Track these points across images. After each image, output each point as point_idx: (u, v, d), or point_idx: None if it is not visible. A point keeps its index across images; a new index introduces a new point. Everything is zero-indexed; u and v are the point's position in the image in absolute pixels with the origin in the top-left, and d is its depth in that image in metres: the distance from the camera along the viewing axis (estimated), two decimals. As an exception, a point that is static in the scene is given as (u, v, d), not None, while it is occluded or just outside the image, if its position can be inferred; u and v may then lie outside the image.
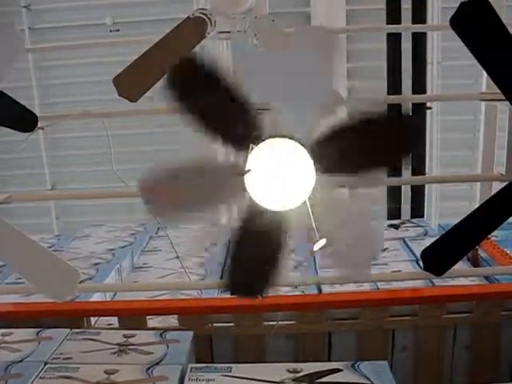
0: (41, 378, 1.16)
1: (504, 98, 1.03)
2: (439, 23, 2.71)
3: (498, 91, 1.01)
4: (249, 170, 0.97)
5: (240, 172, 0.99)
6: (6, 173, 3.60)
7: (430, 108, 3.07)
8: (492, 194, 1.73)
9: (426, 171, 3.11)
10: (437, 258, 1.18)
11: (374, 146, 0.97)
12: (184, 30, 1.33)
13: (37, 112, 3.29)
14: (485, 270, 1.70)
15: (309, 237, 1.06)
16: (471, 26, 0.97)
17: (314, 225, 1.02)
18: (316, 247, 1.01)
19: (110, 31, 3.40)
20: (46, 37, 3.44)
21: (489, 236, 1.66)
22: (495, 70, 1.01)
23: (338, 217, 1.06)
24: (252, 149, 1.01)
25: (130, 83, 1.33)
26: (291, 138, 0.99)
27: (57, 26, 3.41)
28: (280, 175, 1.00)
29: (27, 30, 3.36)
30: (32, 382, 1.15)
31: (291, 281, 1.52)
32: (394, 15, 2.82)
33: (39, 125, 1.40)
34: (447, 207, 3.19)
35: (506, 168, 1.35)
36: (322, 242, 1.00)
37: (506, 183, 1.10)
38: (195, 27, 1.33)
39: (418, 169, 2.98)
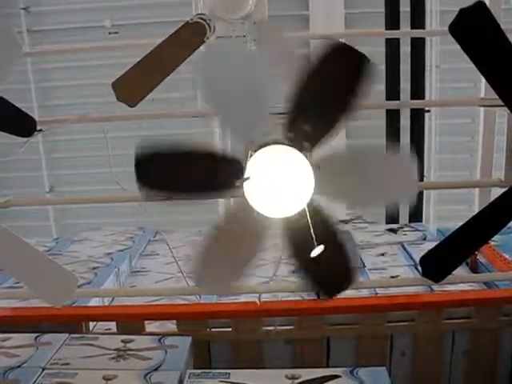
0: (38, 384, 1.16)
1: (503, 104, 1.03)
2: (438, 27, 2.72)
3: (497, 96, 1.01)
4: (248, 178, 0.96)
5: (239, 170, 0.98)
6: (5, 175, 3.59)
7: (428, 111, 3.08)
8: (491, 197, 1.74)
9: (425, 174, 3.12)
10: (435, 265, 1.18)
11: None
12: (183, 35, 1.33)
13: (35, 114, 3.29)
14: (484, 276, 1.70)
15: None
16: (470, 33, 0.97)
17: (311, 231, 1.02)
18: (313, 253, 1.01)
19: (109, 33, 3.40)
20: (44, 39, 3.44)
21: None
22: (494, 76, 1.01)
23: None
24: (251, 155, 1.00)
25: (129, 88, 1.33)
26: (297, 147, 0.98)
27: (55, 28, 3.41)
28: (279, 182, 0.99)
29: (26, 31, 3.36)
30: (30, 387, 1.14)
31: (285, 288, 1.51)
32: (392, 19, 2.83)
33: (38, 127, 1.40)
34: (446, 210, 3.19)
35: (504, 174, 1.34)
36: (320, 248, 1.00)
37: (505, 189, 1.09)
38: (194, 32, 1.33)
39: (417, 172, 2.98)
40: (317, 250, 0.98)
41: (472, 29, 0.97)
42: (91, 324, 1.52)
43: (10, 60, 0.95)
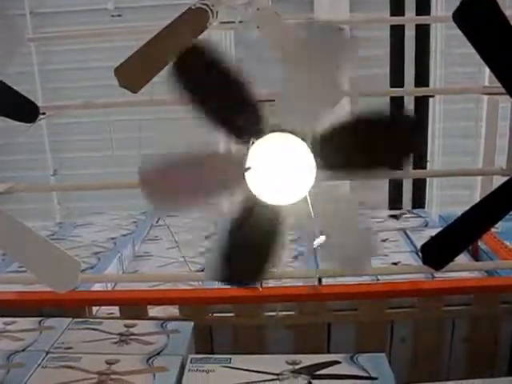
0: (42, 367, 1.17)
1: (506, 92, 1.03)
2: (443, 12, 2.69)
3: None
4: (249, 168, 0.97)
5: (241, 167, 0.99)
6: (9, 158, 3.60)
7: (432, 96, 3.07)
8: (493, 182, 1.74)
9: (428, 159, 3.11)
10: (436, 253, 1.18)
11: (375, 144, 0.97)
12: (186, 20, 1.32)
13: (39, 96, 3.28)
14: (485, 264, 1.70)
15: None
16: (474, 21, 0.97)
17: (313, 219, 1.02)
18: (316, 243, 1.01)
19: (112, 16, 3.38)
20: (47, 21, 3.43)
21: (488, 228, 1.66)
22: (497, 65, 1.00)
23: (337, 210, 1.06)
24: (253, 143, 1.01)
25: (131, 74, 1.33)
26: (292, 132, 0.99)
27: (58, 10, 3.39)
28: (280, 170, 1.00)
29: (28, 14, 3.34)
30: (34, 371, 1.16)
31: (290, 274, 1.52)
32: (397, 3, 2.80)
33: (42, 111, 1.40)
34: (448, 196, 3.19)
35: (507, 162, 1.34)
36: (322, 238, 1.01)
37: (507, 177, 1.10)
38: (197, 18, 1.32)
39: (420, 157, 2.98)
40: (319, 240, 0.99)
41: (476, 16, 0.96)
42: (94, 308, 1.53)
43: (13, 48, 0.95)
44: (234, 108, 1.00)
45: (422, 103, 2.99)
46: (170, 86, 0.98)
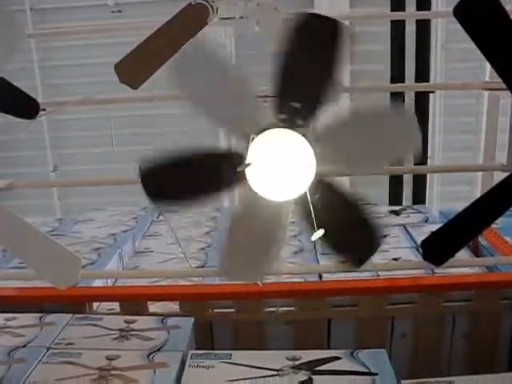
0: (43, 363, 1.18)
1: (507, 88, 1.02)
2: (444, 7, 2.69)
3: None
4: (249, 164, 0.97)
5: (241, 163, 0.99)
6: (9, 154, 3.60)
7: (432, 92, 3.06)
8: (493, 178, 1.74)
9: (428, 154, 3.11)
10: (437, 248, 1.18)
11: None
12: (186, 16, 1.32)
13: (39, 92, 3.28)
14: (485, 260, 1.70)
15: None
16: (475, 17, 0.96)
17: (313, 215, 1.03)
18: (314, 237, 1.01)
19: (112, 12, 3.38)
20: (47, 17, 3.42)
21: (489, 223, 1.66)
22: (498, 61, 1.00)
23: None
24: (253, 139, 1.01)
25: (131, 70, 1.32)
26: (292, 128, 0.99)
27: (58, 6, 3.39)
28: (281, 166, 1.00)
29: (29, 10, 3.34)
30: (35, 367, 1.16)
31: (290, 269, 1.52)
32: (398, -1, 2.80)
33: (42, 107, 1.40)
34: (449, 191, 3.19)
35: (507, 158, 1.34)
36: (321, 231, 1.01)
37: (507, 173, 1.10)
38: (197, 14, 1.32)
39: (421, 152, 2.97)
40: (317, 234, 0.99)
41: (477, 12, 0.96)
42: (94, 304, 1.53)
43: (12, 45, 0.94)
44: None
45: (422, 99, 2.99)
46: (170, 82, 0.98)
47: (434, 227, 1.20)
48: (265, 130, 0.99)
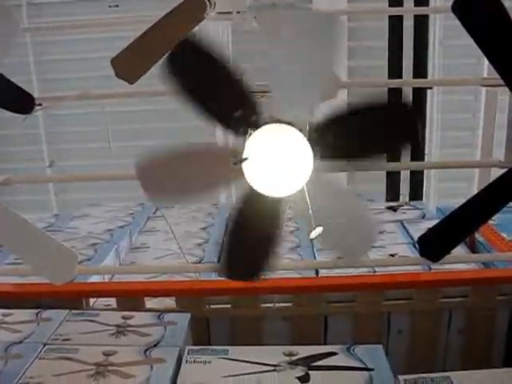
0: (40, 358, 1.18)
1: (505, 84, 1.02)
2: (442, 4, 2.68)
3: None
4: (246, 158, 0.96)
5: (238, 158, 0.99)
6: (5, 149, 3.59)
7: (430, 88, 3.06)
8: (490, 175, 1.74)
9: (426, 151, 3.11)
10: (433, 245, 1.19)
11: (373, 133, 0.97)
12: (183, 11, 1.31)
13: (34, 88, 3.26)
14: (482, 256, 1.71)
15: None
16: (473, 13, 0.96)
17: (310, 211, 1.02)
18: (313, 234, 1.01)
19: (109, 7, 3.36)
20: (43, 11, 3.40)
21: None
22: (496, 57, 1.00)
23: (334, 201, 1.06)
24: (250, 134, 1.00)
25: (128, 65, 1.32)
26: (289, 123, 0.99)
27: (55, 0, 3.37)
28: (278, 161, 0.99)
29: (25, 4, 3.32)
30: (32, 362, 1.16)
31: (285, 265, 1.53)
32: (396, -7, 2.78)
33: (38, 102, 1.39)
34: (446, 188, 3.19)
35: (505, 155, 1.34)
36: (319, 229, 1.01)
37: (505, 169, 1.10)
38: (194, 8, 1.31)
39: (417, 149, 2.97)
40: (316, 232, 0.99)
41: (475, 8, 0.96)
42: (91, 300, 1.53)
43: (8, 39, 0.94)
44: (230, 100, 1.00)
45: (419, 95, 2.98)
46: (165, 77, 0.98)
47: (431, 223, 1.20)
48: (261, 125, 0.99)
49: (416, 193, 2.93)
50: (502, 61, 0.99)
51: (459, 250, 1.69)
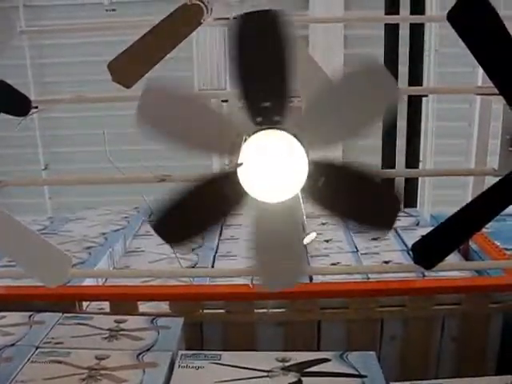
0: (32, 362, 1.17)
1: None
2: (438, 11, 2.70)
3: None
4: (241, 164, 0.96)
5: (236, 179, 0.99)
6: (0, 152, 3.58)
7: (425, 96, 3.07)
8: (485, 182, 1.74)
9: (421, 159, 3.12)
10: (427, 252, 1.19)
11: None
12: (180, 16, 1.32)
13: (31, 90, 3.26)
14: (475, 264, 1.71)
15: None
16: (469, 22, 0.97)
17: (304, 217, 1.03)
18: (306, 240, 1.01)
19: (106, 11, 3.37)
20: (41, 14, 3.41)
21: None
22: (491, 66, 1.00)
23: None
24: (245, 140, 1.00)
25: (125, 69, 1.32)
26: (271, 127, 0.98)
27: (52, 3, 3.38)
28: (273, 167, 0.99)
29: (22, 7, 3.32)
30: (23, 366, 1.15)
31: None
32: (392, 2, 2.80)
33: (34, 105, 1.39)
34: (440, 195, 3.20)
35: (499, 163, 1.35)
36: (313, 234, 1.01)
37: (499, 178, 1.10)
38: (191, 14, 1.31)
39: (413, 156, 2.98)
40: (308, 238, 0.99)
41: (470, 17, 0.96)
42: (84, 303, 1.53)
43: (5, 41, 0.94)
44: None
45: (414, 103, 3.00)
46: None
47: (425, 231, 1.20)
48: (249, 135, 0.98)
49: (410, 200, 2.93)
50: (496, 69, 0.99)
51: (453, 258, 1.70)
